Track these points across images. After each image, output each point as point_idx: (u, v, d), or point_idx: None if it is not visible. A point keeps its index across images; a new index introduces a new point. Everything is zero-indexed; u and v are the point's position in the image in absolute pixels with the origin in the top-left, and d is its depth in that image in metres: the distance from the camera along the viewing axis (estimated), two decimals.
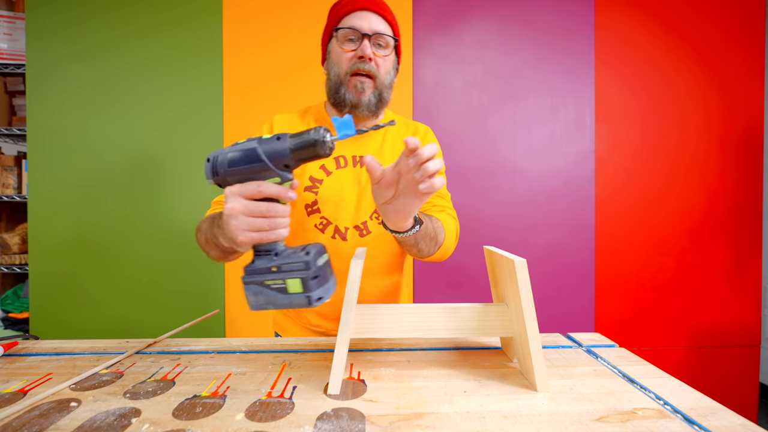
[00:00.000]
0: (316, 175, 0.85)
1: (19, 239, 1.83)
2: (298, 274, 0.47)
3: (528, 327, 0.57)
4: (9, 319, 1.82)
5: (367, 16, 0.80)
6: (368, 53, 0.80)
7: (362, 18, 0.80)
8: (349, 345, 0.62)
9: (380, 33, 0.81)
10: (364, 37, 0.80)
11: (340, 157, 0.87)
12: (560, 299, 1.75)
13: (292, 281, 0.48)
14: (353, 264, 0.62)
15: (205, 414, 0.51)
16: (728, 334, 1.79)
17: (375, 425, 0.49)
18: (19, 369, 0.66)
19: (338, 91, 0.83)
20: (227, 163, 0.47)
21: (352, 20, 0.80)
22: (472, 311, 0.65)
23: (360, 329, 0.64)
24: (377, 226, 0.86)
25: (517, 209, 1.76)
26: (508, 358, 0.71)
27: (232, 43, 1.68)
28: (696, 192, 1.79)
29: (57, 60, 1.65)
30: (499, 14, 1.76)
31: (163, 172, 1.67)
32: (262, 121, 1.68)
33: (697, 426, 0.49)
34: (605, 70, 1.78)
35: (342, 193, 0.85)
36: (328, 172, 0.85)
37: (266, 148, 0.46)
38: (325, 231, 0.86)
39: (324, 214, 0.85)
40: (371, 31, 0.80)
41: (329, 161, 0.86)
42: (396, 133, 0.91)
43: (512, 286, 0.60)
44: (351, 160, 0.86)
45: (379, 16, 0.81)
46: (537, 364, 0.58)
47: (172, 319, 1.64)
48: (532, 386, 0.59)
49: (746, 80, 1.79)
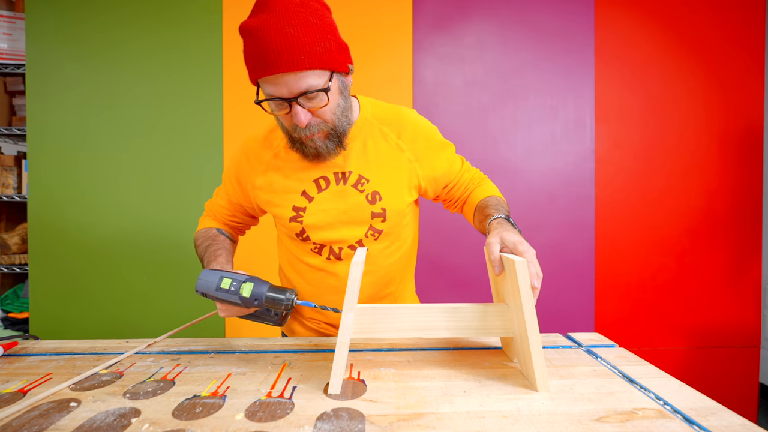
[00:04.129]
0: (298, 203, 0.79)
1: (18, 239, 1.83)
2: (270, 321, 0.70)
3: (528, 327, 0.57)
4: (9, 319, 1.82)
5: (284, 80, 0.63)
6: (303, 120, 0.67)
7: (279, 86, 0.64)
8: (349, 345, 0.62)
9: (308, 92, 0.65)
10: (290, 103, 0.66)
11: (320, 178, 0.79)
12: (560, 299, 1.75)
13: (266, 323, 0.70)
14: (353, 265, 0.62)
15: (205, 414, 0.51)
16: (728, 334, 1.79)
17: (375, 425, 0.49)
18: (18, 369, 0.66)
19: (293, 145, 0.74)
20: (215, 299, 0.66)
21: (268, 88, 0.65)
22: (472, 311, 0.65)
23: (361, 329, 0.64)
24: (374, 242, 0.82)
25: (517, 209, 1.76)
26: (508, 358, 0.71)
27: (232, 43, 1.68)
28: (696, 192, 1.79)
29: (57, 60, 1.65)
30: (499, 14, 1.76)
31: (164, 172, 1.67)
32: (262, 121, 1.67)
33: (697, 426, 0.49)
34: (605, 70, 1.78)
35: (328, 217, 0.79)
36: (309, 198, 0.79)
37: (245, 302, 0.64)
38: (321, 253, 0.83)
39: (314, 240, 0.81)
40: (294, 95, 0.65)
41: (310, 186, 0.79)
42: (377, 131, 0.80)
43: (513, 286, 0.60)
44: (333, 178, 0.79)
45: (299, 72, 0.63)
46: (537, 364, 0.57)
47: (172, 319, 1.64)
48: (533, 386, 0.59)
49: (746, 80, 1.79)
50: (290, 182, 0.79)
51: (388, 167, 0.79)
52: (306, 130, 0.70)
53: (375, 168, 0.79)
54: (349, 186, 0.79)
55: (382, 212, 0.80)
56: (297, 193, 0.79)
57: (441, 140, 0.85)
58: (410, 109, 0.85)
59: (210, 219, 0.91)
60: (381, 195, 0.79)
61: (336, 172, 0.79)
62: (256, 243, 1.63)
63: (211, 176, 1.67)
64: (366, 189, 0.79)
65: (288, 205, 0.80)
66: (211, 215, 0.91)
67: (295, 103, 0.66)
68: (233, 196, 0.87)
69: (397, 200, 0.80)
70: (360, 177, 0.79)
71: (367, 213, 0.79)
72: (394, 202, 0.80)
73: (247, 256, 1.61)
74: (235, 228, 0.93)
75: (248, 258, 1.62)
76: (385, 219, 0.80)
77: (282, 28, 0.61)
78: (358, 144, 0.79)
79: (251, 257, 1.64)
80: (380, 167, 0.79)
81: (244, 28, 0.64)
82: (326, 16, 0.66)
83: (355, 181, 0.79)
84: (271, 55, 0.62)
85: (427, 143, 0.83)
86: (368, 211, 0.79)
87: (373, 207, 0.79)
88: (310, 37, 0.63)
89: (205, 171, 1.67)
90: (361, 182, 0.79)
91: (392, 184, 0.80)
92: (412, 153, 0.81)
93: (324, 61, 0.64)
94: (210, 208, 0.92)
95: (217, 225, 0.90)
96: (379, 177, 0.79)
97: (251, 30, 0.63)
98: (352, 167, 0.79)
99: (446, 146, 0.86)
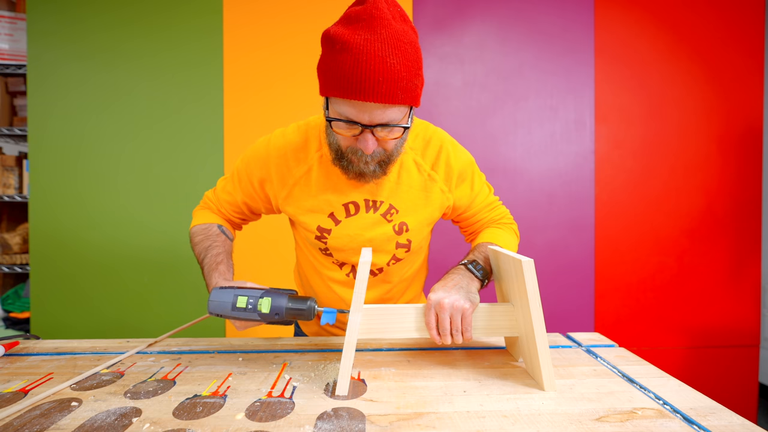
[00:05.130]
0: (324, 225, 0.78)
1: (20, 239, 1.83)
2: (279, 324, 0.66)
3: (535, 326, 0.57)
4: (10, 319, 1.82)
5: (369, 108, 0.61)
6: (370, 148, 0.64)
7: (361, 111, 0.61)
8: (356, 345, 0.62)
9: (389, 125, 0.63)
10: (364, 129, 0.63)
11: (350, 204, 0.77)
12: (560, 299, 1.75)
13: None
14: (361, 265, 0.62)
15: (206, 413, 0.51)
16: (728, 334, 1.79)
17: (375, 425, 0.49)
18: (20, 369, 0.66)
19: (340, 160, 0.70)
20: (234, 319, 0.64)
21: (346, 111, 0.62)
22: (478, 311, 0.65)
23: (367, 330, 0.64)
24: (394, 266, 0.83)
25: (517, 209, 1.75)
26: (509, 358, 0.71)
27: (232, 43, 1.68)
28: (696, 192, 1.79)
29: (58, 60, 1.65)
30: (499, 14, 1.76)
31: (164, 172, 1.67)
32: (262, 121, 1.68)
33: (697, 426, 0.49)
34: (605, 70, 1.78)
35: (352, 243, 0.78)
36: (336, 221, 0.78)
37: (265, 318, 0.62)
38: (342, 268, 0.84)
39: (337, 258, 0.82)
40: (374, 123, 0.62)
41: (339, 209, 0.77)
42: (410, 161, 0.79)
43: (518, 285, 0.60)
44: (363, 205, 0.77)
45: (387, 105, 0.61)
46: (544, 364, 0.57)
47: (172, 319, 1.65)
48: (539, 385, 0.59)
49: (746, 80, 1.79)
50: (318, 203, 0.77)
51: (419, 200, 0.79)
52: (366, 156, 0.67)
53: (406, 200, 0.78)
54: (379, 215, 0.78)
55: (407, 243, 0.80)
56: (324, 214, 0.78)
57: (474, 171, 0.84)
58: (445, 135, 0.82)
59: (209, 213, 0.87)
60: (408, 226, 0.79)
61: (367, 200, 0.77)
62: (258, 243, 1.64)
63: (211, 176, 1.67)
64: (394, 220, 0.78)
65: (313, 224, 0.78)
66: (213, 209, 0.87)
67: (369, 131, 0.63)
68: (248, 197, 0.83)
69: (422, 231, 0.81)
70: (390, 207, 0.78)
71: (392, 243, 0.80)
72: (419, 234, 0.81)
73: (248, 258, 1.61)
74: (235, 224, 0.90)
75: (249, 258, 1.62)
76: (409, 250, 0.81)
77: (384, 57, 0.59)
78: (393, 174, 0.77)
79: (252, 259, 1.64)
80: (411, 199, 0.78)
81: (340, 41, 0.59)
82: (418, 48, 0.64)
83: (385, 211, 0.78)
84: (368, 83, 0.59)
85: (461, 177, 0.81)
86: (394, 242, 0.80)
87: (399, 238, 0.79)
88: (406, 72, 0.61)
89: (206, 171, 1.68)
90: (390, 212, 0.78)
91: (420, 217, 0.79)
92: (445, 184, 0.80)
93: (412, 97, 0.63)
94: (212, 200, 0.87)
95: (217, 220, 0.86)
96: (408, 209, 0.79)
97: (350, 47, 0.59)
98: (384, 197, 0.77)
99: (477, 177, 0.84)
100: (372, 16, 0.59)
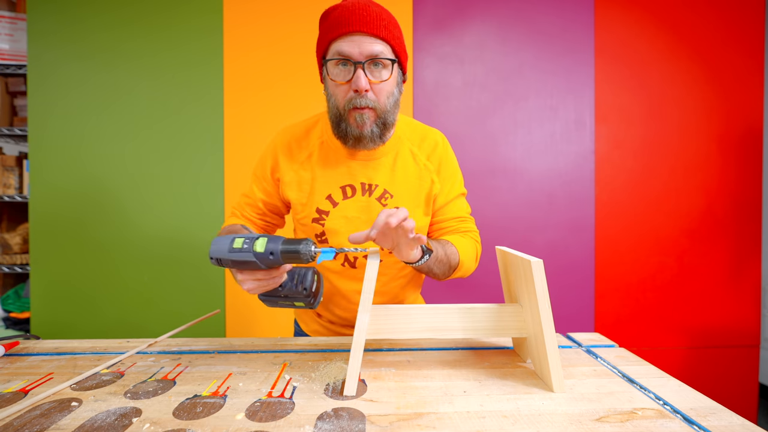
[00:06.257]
0: (322, 207, 0.81)
1: (20, 239, 1.83)
2: (302, 300, 0.66)
3: (544, 327, 0.57)
4: (10, 319, 1.82)
5: (358, 39, 0.70)
6: (363, 85, 0.71)
7: (352, 43, 0.70)
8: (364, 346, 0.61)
9: (375, 57, 0.71)
10: (357, 66, 0.71)
11: (347, 186, 0.81)
12: (560, 299, 1.75)
13: (298, 303, 0.67)
14: (369, 263, 0.62)
15: (206, 414, 0.51)
16: (728, 335, 1.79)
17: (375, 425, 0.49)
18: (20, 369, 0.66)
19: (339, 125, 0.76)
20: (230, 263, 0.62)
21: (341, 46, 0.71)
22: (487, 312, 0.65)
23: (375, 330, 0.63)
24: (388, 255, 0.83)
25: (517, 210, 1.76)
26: (510, 358, 0.71)
27: (232, 43, 1.68)
28: (696, 192, 1.79)
29: (58, 60, 1.65)
30: (499, 14, 1.76)
31: (164, 172, 1.67)
32: (262, 121, 1.68)
33: (697, 426, 0.49)
34: (605, 70, 1.78)
35: (349, 225, 0.81)
36: (334, 203, 0.81)
37: (260, 258, 0.61)
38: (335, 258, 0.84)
39: (332, 244, 0.82)
40: (364, 57, 0.71)
41: (336, 191, 0.81)
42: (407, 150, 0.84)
43: (527, 286, 0.60)
44: (360, 188, 0.81)
45: (373, 36, 0.71)
46: (553, 365, 0.57)
47: (172, 318, 1.65)
48: (548, 386, 0.59)
49: (746, 80, 1.79)
50: (318, 185, 0.81)
51: (413, 187, 0.83)
52: (362, 99, 0.72)
53: (401, 185, 0.82)
54: (374, 199, 0.81)
55: None
56: (323, 196, 0.81)
57: (460, 180, 0.88)
58: (441, 134, 0.88)
59: (234, 218, 0.90)
60: None
61: (363, 183, 0.81)
62: None
63: (211, 176, 1.67)
64: (389, 204, 0.81)
65: (312, 205, 0.82)
66: (237, 214, 0.90)
67: (361, 67, 0.71)
68: (264, 193, 0.86)
69: (416, 219, 0.83)
70: (385, 191, 0.82)
71: None
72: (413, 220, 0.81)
73: None
74: (261, 229, 0.91)
75: None
76: None
77: (368, 5, 0.72)
78: (389, 159, 0.82)
79: None
80: (406, 185, 0.82)
81: (327, 10, 0.75)
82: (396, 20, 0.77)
83: (380, 195, 0.81)
84: (353, 17, 0.70)
85: (450, 174, 0.86)
86: None
87: None
88: (387, 16, 0.73)
89: (206, 171, 1.68)
90: (385, 196, 0.81)
91: (414, 202, 0.83)
92: (436, 174, 0.84)
93: (396, 43, 0.74)
94: (236, 207, 0.91)
95: (242, 222, 0.88)
96: (402, 195, 0.82)
97: (335, 7, 0.73)
98: (379, 181, 0.81)
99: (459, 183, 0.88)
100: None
